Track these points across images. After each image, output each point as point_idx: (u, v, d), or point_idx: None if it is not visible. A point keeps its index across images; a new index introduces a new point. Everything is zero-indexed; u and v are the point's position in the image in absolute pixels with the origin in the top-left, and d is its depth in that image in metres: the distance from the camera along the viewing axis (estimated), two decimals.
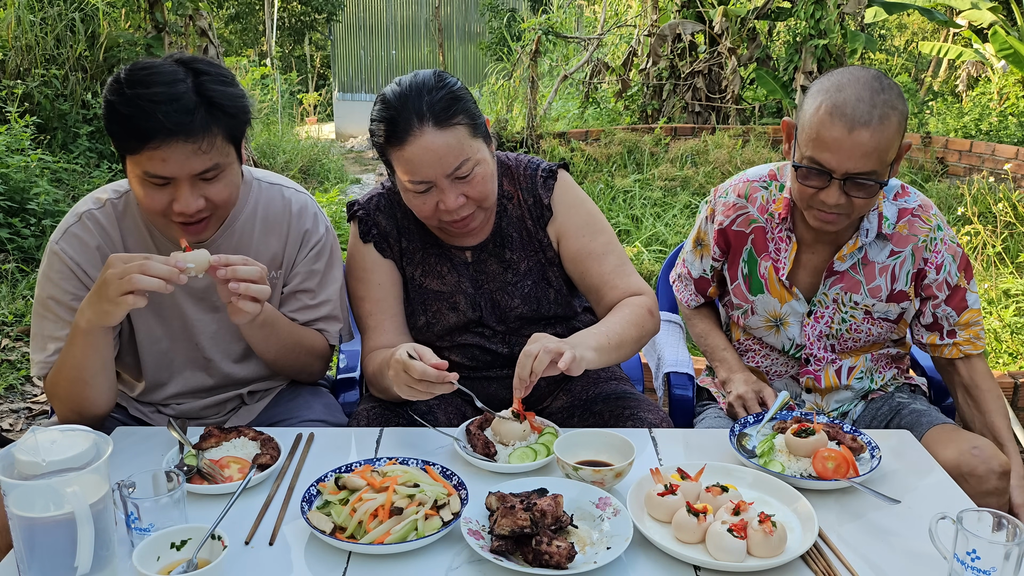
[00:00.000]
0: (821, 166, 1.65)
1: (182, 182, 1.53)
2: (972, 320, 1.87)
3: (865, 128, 1.59)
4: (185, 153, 1.50)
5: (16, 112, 5.83)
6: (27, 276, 4.82)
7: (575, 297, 1.95)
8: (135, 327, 1.75)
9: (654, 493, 1.36)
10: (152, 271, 1.41)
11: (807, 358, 1.94)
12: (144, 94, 1.48)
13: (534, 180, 1.86)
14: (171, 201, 1.55)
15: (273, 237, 1.79)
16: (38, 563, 1.13)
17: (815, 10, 8.02)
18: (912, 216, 1.83)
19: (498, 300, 1.86)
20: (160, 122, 1.46)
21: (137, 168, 1.53)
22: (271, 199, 1.80)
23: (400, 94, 1.66)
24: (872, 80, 1.63)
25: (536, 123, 8.16)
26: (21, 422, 3.51)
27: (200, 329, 1.77)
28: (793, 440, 1.55)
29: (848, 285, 1.86)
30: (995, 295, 4.42)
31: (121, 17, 7.41)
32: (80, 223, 1.68)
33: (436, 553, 1.27)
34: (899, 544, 1.32)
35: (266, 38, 15.54)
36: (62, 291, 1.66)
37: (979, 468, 1.66)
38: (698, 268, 2.06)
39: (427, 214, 1.73)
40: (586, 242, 1.84)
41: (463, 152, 1.65)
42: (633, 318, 1.73)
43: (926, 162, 7.73)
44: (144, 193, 1.55)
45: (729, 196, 1.95)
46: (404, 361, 1.52)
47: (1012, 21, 10.16)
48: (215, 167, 1.55)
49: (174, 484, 1.28)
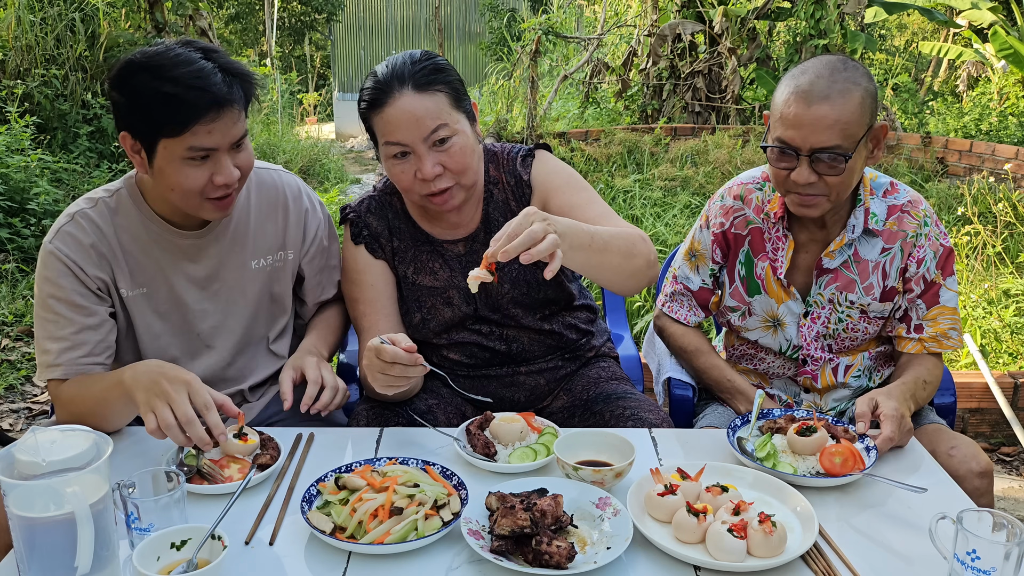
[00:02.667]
0: (787, 144, 1.70)
1: (221, 153, 1.59)
2: (943, 318, 1.86)
3: (824, 102, 1.65)
4: (229, 122, 1.57)
5: (16, 112, 5.83)
6: (27, 276, 4.82)
7: (569, 281, 1.94)
8: (134, 321, 1.75)
9: (654, 493, 1.36)
10: (188, 429, 1.41)
11: (804, 359, 1.94)
12: (185, 73, 1.53)
13: (514, 162, 1.88)
14: (210, 176, 1.59)
15: (271, 218, 1.85)
16: (38, 563, 1.13)
17: (815, 10, 8.02)
18: (902, 212, 1.84)
19: (490, 288, 1.86)
20: (212, 95, 1.53)
21: (178, 149, 1.56)
22: (263, 182, 1.86)
23: (387, 65, 1.72)
24: (835, 61, 1.71)
25: (536, 123, 8.16)
26: (21, 422, 3.51)
27: (201, 317, 1.79)
28: (797, 439, 1.55)
29: (843, 284, 1.86)
30: (995, 295, 4.41)
31: (121, 17, 7.41)
32: (73, 222, 1.68)
33: (436, 553, 1.27)
34: (899, 544, 1.32)
35: (266, 38, 15.55)
36: (60, 288, 1.65)
37: (959, 469, 1.67)
38: (696, 280, 2.02)
39: (406, 185, 1.74)
40: (568, 197, 1.83)
41: (440, 117, 1.67)
42: (624, 235, 1.64)
43: (926, 162, 7.73)
44: (183, 174, 1.58)
45: (725, 200, 1.95)
46: (376, 346, 1.53)
47: (1012, 21, 10.16)
48: (245, 133, 1.63)
49: (174, 484, 1.28)
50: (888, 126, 1.77)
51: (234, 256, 1.80)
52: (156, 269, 1.74)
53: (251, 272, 1.82)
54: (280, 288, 1.88)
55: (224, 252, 1.79)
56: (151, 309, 1.75)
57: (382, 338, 1.54)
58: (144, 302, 1.75)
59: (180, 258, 1.75)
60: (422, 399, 1.84)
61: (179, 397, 1.41)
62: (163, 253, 1.73)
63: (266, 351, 1.91)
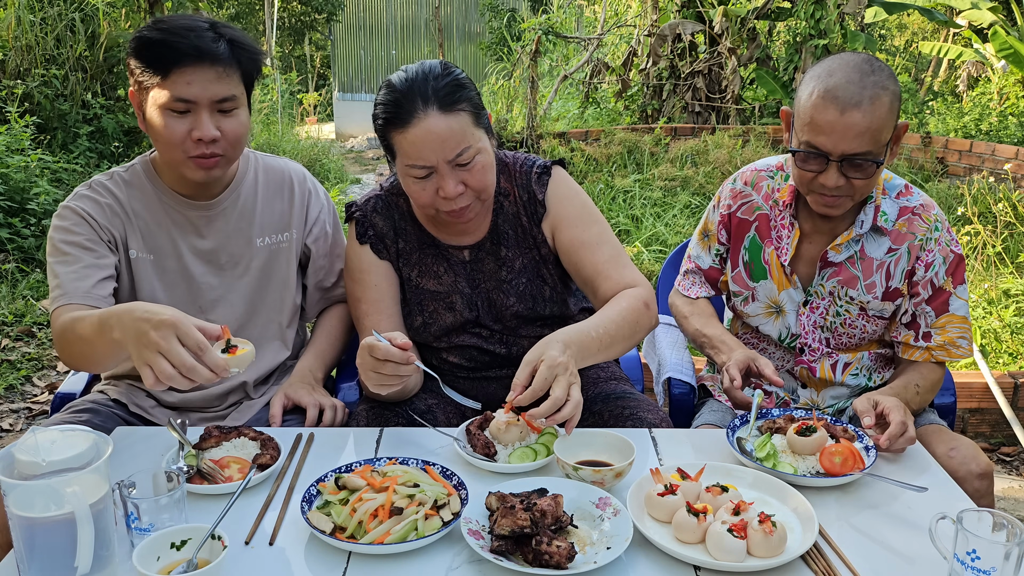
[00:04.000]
0: (817, 149, 1.68)
1: (202, 108, 1.67)
2: (953, 326, 1.85)
3: (856, 109, 1.63)
4: (209, 77, 1.66)
5: (16, 112, 5.83)
6: (27, 276, 4.82)
7: (571, 296, 1.95)
8: (138, 284, 1.82)
9: (654, 493, 1.36)
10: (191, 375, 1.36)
11: (802, 347, 1.94)
12: (174, 26, 1.67)
13: (529, 176, 1.87)
14: (190, 131, 1.68)
15: (276, 198, 1.94)
16: (38, 563, 1.13)
17: (815, 10, 8.02)
18: (913, 214, 1.84)
19: (494, 299, 1.86)
20: (192, 43, 1.64)
21: (161, 96, 1.66)
22: (269, 167, 1.96)
23: (406, 79, 1.68)
24: (862, 63, 1.68)
25: (536, 123, 8.16)
26: (21, 422, 3.51)
27: (204, 289, 1.85)
28: (796, 439, 1.55)
29: (845, 279, 1.86)
30: (995, 295, 4.41)
31: (121, 17, 7.40)
32: (90, 187, 1.81)
33: (436, 553, 1.27)
34: (899, 544, 1.32)
35: (266, 38, 15.54)
36: (74, 234, 1.75)
37: (959, 471, 1.66)
38: (707, 259, 2.06)
39: (425, 201, 1.73)
40: (579, 232, 1.83)
41: (465, 139, 1.66)
42: (628, 315, 1.71)
43: (926, 162, 7.73)
44: (165, 124, 1.67)
45: (736, 183, 1.98)
46: (370, 343, 1.53)
47: (1012, 21, 10.16)
48: (232, 98, 1.70)
49: (174, 484, 1.28)
50: (908, 124, 1.77)
51: (240, 232, 1.88)
52: (165, 238, 1.83)
53: (255, 248, 1.90)
54: (284, 267, 1.94)
55: (231, 227, 1.87)
56: (156, 276, 1.82)
57: (378, 335, 1.54)
58: (150, 267, 1.82)
59: (188, 230, 1.84)
60: (422, 399, 1.84)
61: (170, 344, 1.34)
62: (172, 224, 1.83)
63: (270, 336, 1.94)
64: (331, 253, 2.02)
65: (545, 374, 1.46)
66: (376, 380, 1.56)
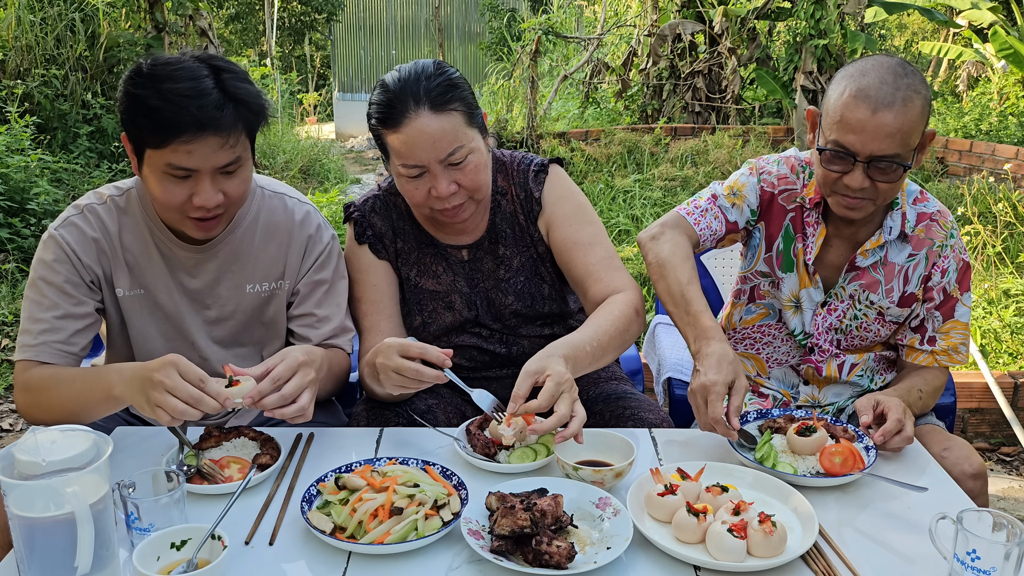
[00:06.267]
0: (845, 149, 1.66)
1: (204, 176, 1.55)
2: (956, 332, 1.85)
3: (888, 110, 1.61)
4: (213, 147, 1.53)
5: (16, 112, 5.83)
6: (27, 276, 4.82)
7: (569, 293, 1.95)
8: (128, 320, 1.75)
9: (654, 493, 1.36)
10: (199, 407, 1.38)
11: (812, 347, 1.94)
12: (174, 88, 1.50)
13: (526, 175, 1.87)
14: (190, 195, 1.57)
15: (273, 245, 1.79)
16: (38, 563, 1.13)
17: (815, 10, 8.01)
18: (931, 220, 1.84)
19: (493, 298, 1.86)
20: (193, 116, 1.49)
21: (159, 161, 1.53)
22: (273, 208, 1.80)
23: (399, 79, 1.68)
24: (896, 65, 1.66)
25: (536, 123, 8.16)
26: (21, 422, 3.51)
27: (195, 330, 1.78)
28: (796, 439, 1.55)
29: (867, 283, 1.86)
30: (995, 295, 4.41)
31: (121, 17, 7.41)
32: (81, 214, 1.70)
33: (436, 553, 1.27)
34: (899, 544, 1.32)
35: (266, 38, 15.54)
36: (54, 272, 1.66)
37: (952, 471, 1.66)
38: (734, 214, 1.89)
39: (418, 201, 1.73)
40: (572, 231, 1.83)
41: (457, 138, 1.66)
42: (620, 323, 1.69)
43: (926, 162, 7.73)
44: (163, 187, 1.56)
45: (781, 167, 1.90)
46: (404, 344, 1.54)
47: (1012, 21, 10.15)
48: (236, 160, 1.58)
49: (174, 484, 1.28)
50: (935, 132, 1.75)
51: (230, 276, 1.77)
52: (155, 274, 1.73)
53: (245, 295, 1.79)
54: (273, 314, 1.83)
55: (221, 271, 1.76)
56: (148, 312, 1.75)
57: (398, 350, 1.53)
58: (140, 303, 1.75)
59: (178, 268, 1.74)
60: (422, 399, 1.84)
61: (173, 381, 1.38)
62: (163, 260, 1.73)
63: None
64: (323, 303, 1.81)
65: (552, 390, 1.44)
66: (397, 381, 1.56)
